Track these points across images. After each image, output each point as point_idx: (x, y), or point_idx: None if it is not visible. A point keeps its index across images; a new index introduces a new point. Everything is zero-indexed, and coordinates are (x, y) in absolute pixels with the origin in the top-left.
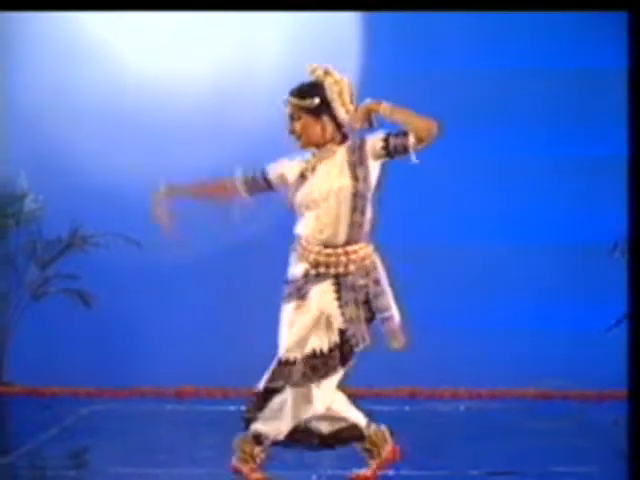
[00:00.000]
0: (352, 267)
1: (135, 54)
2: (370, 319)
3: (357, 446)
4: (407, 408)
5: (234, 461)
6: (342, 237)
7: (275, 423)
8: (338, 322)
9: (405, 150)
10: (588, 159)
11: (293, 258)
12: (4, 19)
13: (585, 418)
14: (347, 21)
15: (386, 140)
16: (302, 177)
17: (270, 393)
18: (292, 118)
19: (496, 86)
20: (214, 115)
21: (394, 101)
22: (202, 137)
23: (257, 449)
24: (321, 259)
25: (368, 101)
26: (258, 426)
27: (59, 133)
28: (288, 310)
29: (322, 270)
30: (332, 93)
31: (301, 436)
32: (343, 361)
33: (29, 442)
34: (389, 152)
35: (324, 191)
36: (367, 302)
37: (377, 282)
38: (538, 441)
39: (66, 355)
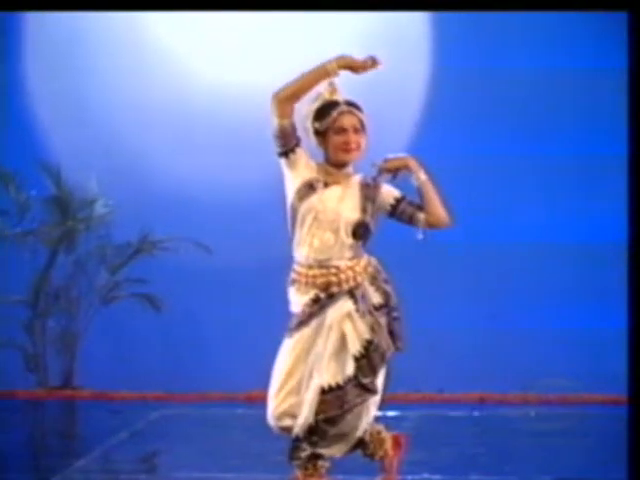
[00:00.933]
0: (360, 278)
1: (206, 58)
2: (388, 324)
3: (359, 453)
4: (476, 413)
5: (299, 476)
6: (343, 259)
7: (338, 446)
8: (363, 333)
9: (409, 221)
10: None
11: (294, 290)
12: (74, 19)
13: None
14: (415, 21)
15: (398, 201)
16: (310, 186)
17: (324, 422)
18: (354, 131)
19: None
20: None
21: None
22: (271, 142)
23: (320, 462)
24: (333, 279)
25: (409, 157)
26: (319, 450)
27: (129, 138)
28: (305, 337)
29: (335, 289)
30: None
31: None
32: (374, 371)
33: (100, 446)
34: (393, 212)
35: (332, 215)
36: (381, 307)
37: (387, 282)
38: (609, 447)
39: (136, 359)
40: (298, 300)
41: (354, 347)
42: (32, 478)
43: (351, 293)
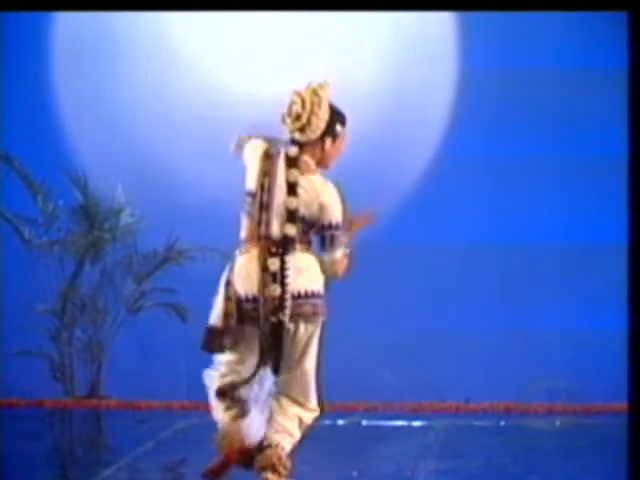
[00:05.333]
0: None
1: (235, 68)
2: None
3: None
4: (502, 423)
5: None
6: None
7: None
8: None
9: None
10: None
11: None
12: (103, 27)
13: None
14: (441, 21)
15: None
16: None
17: None
18: None
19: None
20: None
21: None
22: None
23: None
24: None
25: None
26: None
27: (156, 147)
28: None
29: None
30: None
31: None
32: None
33: (126, 455)
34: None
35: None
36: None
37: None
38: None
39: (162, 369)
40: None
41: None
42: None
43: None
